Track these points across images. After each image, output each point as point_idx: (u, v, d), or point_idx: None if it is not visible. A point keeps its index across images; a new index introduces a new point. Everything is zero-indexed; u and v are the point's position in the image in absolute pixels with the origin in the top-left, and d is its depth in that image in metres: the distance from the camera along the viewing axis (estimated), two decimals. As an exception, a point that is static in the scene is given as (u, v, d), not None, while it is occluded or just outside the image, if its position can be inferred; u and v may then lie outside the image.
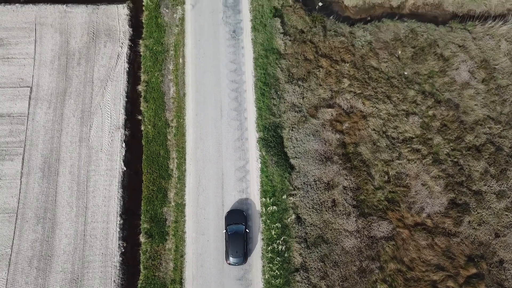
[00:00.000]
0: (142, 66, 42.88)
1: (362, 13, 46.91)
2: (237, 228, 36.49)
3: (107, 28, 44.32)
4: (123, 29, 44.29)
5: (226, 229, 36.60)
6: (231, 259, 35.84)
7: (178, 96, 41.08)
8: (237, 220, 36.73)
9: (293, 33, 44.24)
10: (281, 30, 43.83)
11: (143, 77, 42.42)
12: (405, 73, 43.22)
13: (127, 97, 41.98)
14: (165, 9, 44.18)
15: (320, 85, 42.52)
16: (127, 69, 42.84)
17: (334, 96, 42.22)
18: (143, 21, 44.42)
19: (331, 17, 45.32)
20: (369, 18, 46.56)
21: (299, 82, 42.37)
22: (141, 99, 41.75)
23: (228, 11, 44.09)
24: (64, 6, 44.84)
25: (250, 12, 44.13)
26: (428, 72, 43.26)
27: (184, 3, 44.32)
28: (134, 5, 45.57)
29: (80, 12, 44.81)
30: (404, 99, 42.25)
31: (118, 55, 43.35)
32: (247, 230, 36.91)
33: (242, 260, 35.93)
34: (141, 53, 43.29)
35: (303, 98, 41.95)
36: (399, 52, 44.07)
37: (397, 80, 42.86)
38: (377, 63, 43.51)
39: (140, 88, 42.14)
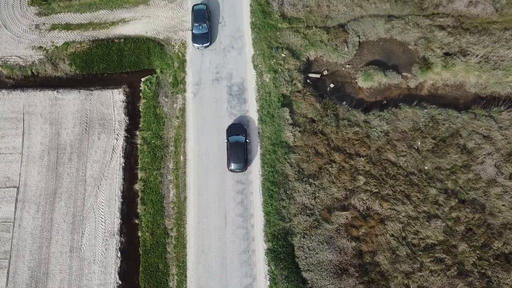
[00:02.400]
0: (139, 162, 39.38)
1: (377, 95, 43.38)
2: (237, 138, 38.87)
3: (101, 117, 40.84)
4: (119, 118, 40.83)
5: (227, 139, 38.87)
6: (233, 165, 38.13)
7: (178, 200, 37.53)
8: (238, 132, 39.12)
9: (302, 122, 40.74)
10: (290, 121, 40.32)
11: (140, 174, 38.94)
12: (426, 168, 39.70)
13: (123, 197, 38.43)
14: (164, 98, 40.72)
15: (333, 182, 39.00)
16: (123, 164, 39.34)
17: (349, 196, 38.69)
18: (141, 109, 40.98)
19: (344, 103, 41.83)
20: (385, 102, 43.04)
21: (310, 180, 38.86)
22: (138, 200, 38.27)
23: (233, 100, 40.60)
24: (55, 92, 41.36)
25: (256, 102, 40.64)
26: (450, 166, 39.73)
27: (185, 91, 40.84)
28: (130, 89, 42.09)
29: (72, 98, 41.32)
30: (425, 199, 38.69)
31: (113, 149, 39.86)
32: (247, 140, 39.29)
33: (242, 165, 38.16)
34: (138, 146, 39.84)
35: (315, 198, 38.44)
36: (419, 143, 40.56)
37: (417, 177, 39.33)
38: (395, 157, 39.99)
39: (137, 187, 38.65)
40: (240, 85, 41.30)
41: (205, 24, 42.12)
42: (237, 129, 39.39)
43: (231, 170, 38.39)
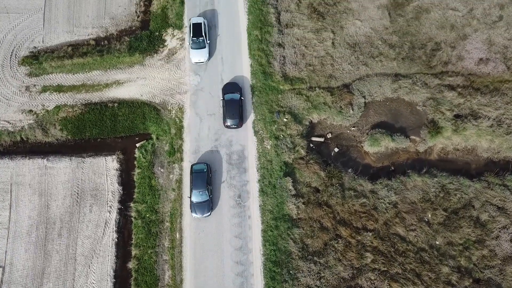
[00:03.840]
0: (133, 237, 37.09)
1: (385, 160, 41.20)
2: (233, 96, 39.94)
3: (93, 187, 38.64)
4: (112, 188, 38.63)
5: (223, 97, 40.02)
6: (228, 121, 39.13)
7: (174, 283, 35.08)
8: (233, 90, 40.23)
9: (306, 193, 38.51)
10: (293, 192, 38.10)
11: (134, 251, 36.59)
12: (437, 243, 37.37)
13: (115, 276, 36.06)
14: (159, 168, 38.54)
15: (339, 260, 36.65)
16: (116, 240, 37.02)
17: (356, 276, 36.30)
18: (135, 179, 38.78)
19: (350, 170, 39.65)
20: (392, 168, 40.88)
21: (315, 258, 36.52)
22: (132, 281, 35.88)
23: (233, 170, 38.41)
24: (45, 160, 39.19)
25: (257, 171, 38.46)
26: (463, 242, 37.40)
27: (182, 160, 38.68)
28: (124, 156, 39.94)
29: (62, 167, 39.14)
30: (437, 279, 36.27)
31: (105, 222, 37.59)
32: (242, 98, 40.34)
33: (238, 121, 39.15)
34: (133, 220, 37.56)
35: (320, 279, 36.02)
36: (429, 216, 38.30)
37: (428, 253, 36.98)
38: (404, 231, 37.67)
39: (131, 265, 36.30)
40: (240, 153, 39.15)
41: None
42: (233, 87, 40.60)
43: (227, 127, 39.55)
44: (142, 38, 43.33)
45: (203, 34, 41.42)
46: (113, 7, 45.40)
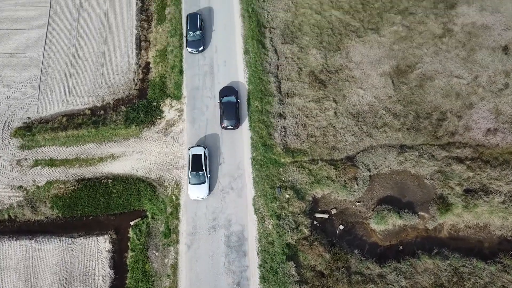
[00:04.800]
0: (124, 329, 34.52)
1: (392, 238, 38.91)
2: (229, 98, 41.58)
3: (83, 271, 36.23)
4: (103, 272, 36.20)
5: (220, 100, 41.53)
6: (225, 122, 40.50)
7: None
8: (230, 93, 41.91)
9: (310, 278, 36.05)
10: (296, 277, 35.63)
11: None
12: (453, 336, 34.71)
13: None
14: (154, 252, 36.28)
15: None
16: (106, 332, 34.41)
17: None
18: (128, 263, 36.41)
19: (356, 251, 37.38)
20: (401, 248, 38.61)
21: None
22: None
23: (232, 253, 36.14)
24: (33, 241, 36.98)
25: (258, 255, 36.16)
26: (481, 334, 34.78)
27: (177, 242, 36.43)
28: (117, 235, 37.75)
29: (51, 249, 36.87)
30: None
31: (95, 312, 35.04)
32: (238, 100, 41.91)
33: (235, 122, 40.53)
34: (124, 309, 35.09)
35: None
36: (443, 303, 35.81)
37: None
38: (417, 322, 35.06)
39: None
40: (239, 234, 36.99)
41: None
42: (229, 90, 42.29)
43: (224, 128, 40.86)
44: (139, 108, 42.16)
45: (203, 168, 38.06)
46: (111, 75, 44.53)
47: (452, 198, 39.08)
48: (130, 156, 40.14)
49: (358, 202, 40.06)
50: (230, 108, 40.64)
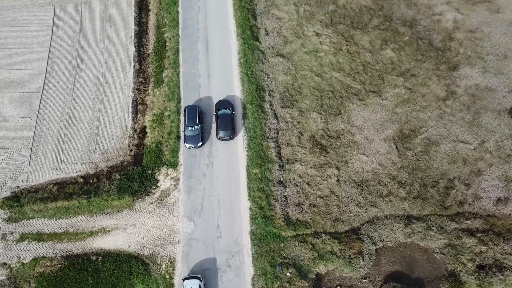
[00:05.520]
0: None
1: (402, 320, 36.32)
2: (225, 111, 42.85)
3: None
4: None
5: (216, 112, 42.74)
6: (221, 132, 41.77)
7: None
8: (225, 106, 43.24)
9: None
10: None
11: None
12: None
13: None
14: None
15: None
16: None
17: None
18: None
19: (363, 337, 34.69)
20: (411, 332, 35.88)
21: None
22: None
23: None
24: (14, 326, 34.41)
25: None
26: None
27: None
28: (106, 318, 35.13)
29: (34, 335, 34.22)
30: None
31: None
32: (233, 112, 43.18)
33: (230, 133, 41.83)
34: None
35: None
36: None
37: None
38: None
39: None
40: (237, 320, 34.37)
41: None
42: (225, 104, 43.52)
43: (219, 138, 42.03)
44: (133, 176, 40.42)
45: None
46: (105, 141, 43.12)
47: (465, 276, 36.60)
48: (123, 230, 37.94)
49: (364, 278, 37.51)
50: (226, 119, 41.98)
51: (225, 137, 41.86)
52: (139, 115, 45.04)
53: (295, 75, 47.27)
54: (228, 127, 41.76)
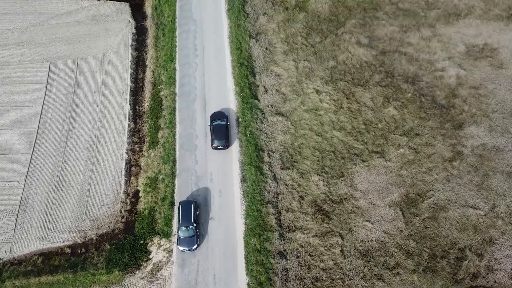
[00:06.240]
0: None
1: None
2: (219, 121, 43.94)
3: None
4: None
5: (211, 123, 43.95)
6: (216, 142, 42.75)
7: None
8: (220, 118, 44.34)
9: None
10: None
11: None
12: None
13: None
14: None
15: None
16: None
17: None
18: None
19: None
20: None
21: None
22: None
23: None
24: None
25: None
26: None
27: None
28: None
29: None
30: None
31: None
32: (228, 123, 44.43)
33: (224, 142, 42.86)
34: None
35: None
36: None
37: None
38: None
39: None
40: None
41: None
42: (219, 115, 44.78)
43: (214, 148, 43.23)
44: (124, 247, 37.98)
45: None
46: (96, 206, 40.96)
47: None
48: (110, 310, 35.29)
49: None
50: (220, 130, 43.27)
51: (220, 147, 43.04)
52: (132, 177, 43.11)
53: (295, 134, 45.67)
54: (222, 137, 42.93)
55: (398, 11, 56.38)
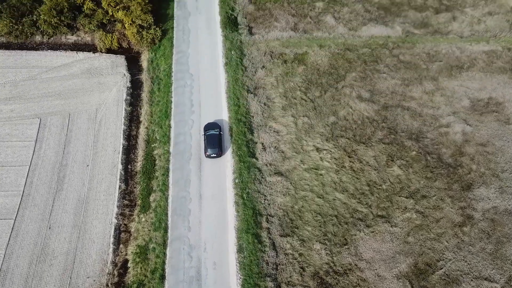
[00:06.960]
0: None
1: None
2: (213, 131, 45.95)
3: None
4: None
5: (204, 133, 45.97)
6: (209, 150, 44.64)
7: None
8: (213, 128, 46.36)
9: None
10: None
11: None
12: None
13: None
14: None
15: None
16: None
17: None
18: None
19: None
20: None
21: None
22: None
23: None
24: None
25: None
26: None
27: None
28: None
29: None
30: None
31: None
32: (221, 132, 46.33)
33: (217, 151, 44.72)
34: None
35: None
36: None
37: None
38: None
39: None
40: None
41: None
42: (213, 125, 46.56)
43: (207, 156, 44.70)
44: (109, 328, 34.78)
45: None
46: (80, 279, 37.84)
47: None
48: None
49: None
50: (213, 138, 44.84)
51: (213, 155, 44.57)
52: (121, 245, 40.20)
53: (295, 196, 43.16)
54: (215, 145, 44.53)
55: (399, 63, 55.29)
